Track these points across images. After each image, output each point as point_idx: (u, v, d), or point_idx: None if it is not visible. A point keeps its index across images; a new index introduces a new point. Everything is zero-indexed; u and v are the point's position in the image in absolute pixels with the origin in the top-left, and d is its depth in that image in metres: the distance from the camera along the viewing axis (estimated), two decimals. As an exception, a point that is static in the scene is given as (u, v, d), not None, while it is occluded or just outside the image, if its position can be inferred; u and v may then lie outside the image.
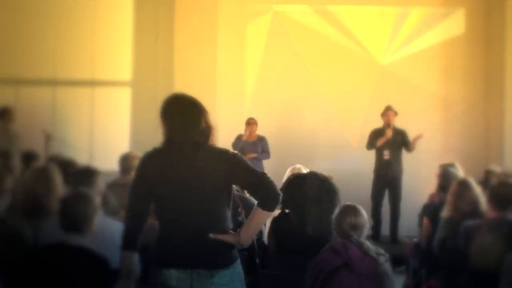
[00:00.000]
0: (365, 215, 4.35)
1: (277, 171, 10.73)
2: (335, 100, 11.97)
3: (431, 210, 6.68)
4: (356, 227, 4.26)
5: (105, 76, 11.65)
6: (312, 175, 5.07)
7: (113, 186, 6.22)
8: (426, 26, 12.03)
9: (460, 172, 7.46)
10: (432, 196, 8.43)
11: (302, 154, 11.39)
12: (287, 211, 5.00)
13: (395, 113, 10.67)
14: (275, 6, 12.12)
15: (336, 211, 4.38)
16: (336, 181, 5.34)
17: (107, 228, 4.35)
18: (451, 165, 7.82)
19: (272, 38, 12.09)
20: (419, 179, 11.43)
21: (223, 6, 11.89)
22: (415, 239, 8.82)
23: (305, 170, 6.41)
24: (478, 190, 5.94)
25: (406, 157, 10.89)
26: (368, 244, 4.21)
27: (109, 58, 11.66)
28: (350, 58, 12.02)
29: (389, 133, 10.55)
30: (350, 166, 11.57)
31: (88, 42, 11.59)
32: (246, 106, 11.94)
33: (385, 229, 10.73)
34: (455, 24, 12.07)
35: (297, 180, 5.11)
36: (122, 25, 11.54)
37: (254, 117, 11.10)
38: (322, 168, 7.15)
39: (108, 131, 11.52)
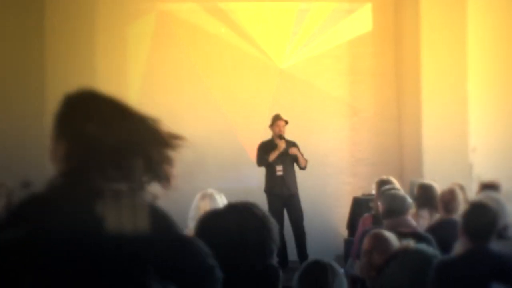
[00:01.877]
0: None
1: (158, 190, 9.70)
2: (230, 109, 10.73)
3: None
4: None
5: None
6: (232, 208, 3.25)
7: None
8: (330, 23, 10.85)
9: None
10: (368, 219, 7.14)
11: (188, 170, 10.04)
12: None
13: (286, 122, 9.60)
14: (160, 4, 10.79)
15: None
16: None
17: None
18: (387, 181, 6.83)
19: (156, 41, 10.77)
20: (325, 194, 10.42)
21: (100, 6, 10.50)
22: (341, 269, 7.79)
23: (219, 197, 4.95)
24: None
25: (310, 169, 9.81)
26: None
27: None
28: (246, 61, 10.80)
29: (282, 145, 9.44)
30: (245, 183, 10.35)
31: None
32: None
33: (292, 253, 9.56)
34: (362, 20, 10.93)
35: (212, 219, 3.25)
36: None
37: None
38: (212, 186, 6.03)
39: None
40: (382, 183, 6.75)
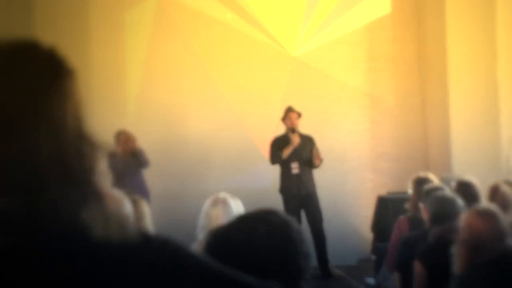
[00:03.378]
0: None
1: (162, 193, 9.03)
2: (238, 102, 10.03)
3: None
4: None
5: None
6: (241, 223, 2.46)
7: None
8: (345, 6, 10.13)
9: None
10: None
11: (194, 171, 9.54)
12: None
13: (299, 115, 8.92)
14: (160, -12, 10.12)
15: None
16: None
17: None
18: (426, 179, 6.02)
19: (157, 29, 10.07)
20: (345, 192, 9.92)
21: (95, -9, 9.89)
22: (369, 279, 7.35)
23: (233, 202, 4.28)
24: None
25: (328, 166, 9.14)
26: None
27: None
28: (255, 49, 10.09)
29: (296, 140, 8.76)
30: (258, 184, 9.68)
31: None
32: (128, 115, 9.83)
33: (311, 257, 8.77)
34: (380, 2, 10.19)
35: (215, 241, 2.45)
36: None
37: (139, 128, 9.16)
38: (221, 187, 5.76)
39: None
40: (420, 181, 5.93)
